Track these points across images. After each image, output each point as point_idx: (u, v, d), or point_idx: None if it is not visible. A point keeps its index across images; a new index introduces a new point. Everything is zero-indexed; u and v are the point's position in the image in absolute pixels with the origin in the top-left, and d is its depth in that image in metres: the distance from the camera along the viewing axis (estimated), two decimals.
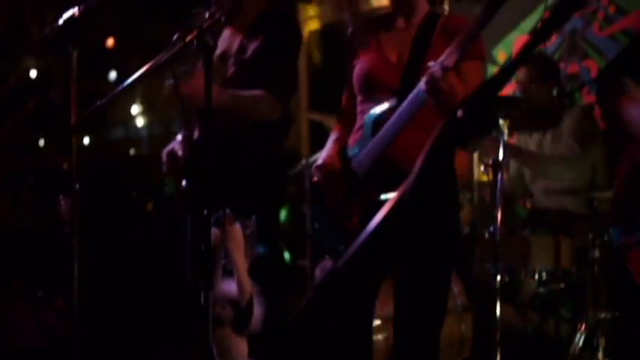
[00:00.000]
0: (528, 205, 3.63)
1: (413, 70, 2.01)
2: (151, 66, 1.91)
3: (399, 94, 2.00)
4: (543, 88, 3.35)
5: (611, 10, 3.57)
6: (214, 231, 2.06)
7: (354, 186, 2.12)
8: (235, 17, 2.68)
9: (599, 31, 3.60)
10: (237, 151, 2.52)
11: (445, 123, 0.88)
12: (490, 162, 3.00)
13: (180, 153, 2.59)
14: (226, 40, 2.69)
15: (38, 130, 6.03)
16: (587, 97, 3.70)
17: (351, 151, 2.16)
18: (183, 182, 2.54)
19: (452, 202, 2.15)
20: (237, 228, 2.16)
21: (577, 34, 3.80)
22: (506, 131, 3.00)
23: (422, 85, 1.85)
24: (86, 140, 7.07)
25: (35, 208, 4.67)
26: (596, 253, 2.99)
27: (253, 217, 2.22)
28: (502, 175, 2.97)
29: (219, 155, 2.42)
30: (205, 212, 2.05)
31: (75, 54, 2.57)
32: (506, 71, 0.88)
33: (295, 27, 2.72)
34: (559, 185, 3.42)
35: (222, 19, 2.00)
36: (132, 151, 8.12)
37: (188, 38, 1.93)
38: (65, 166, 4.74)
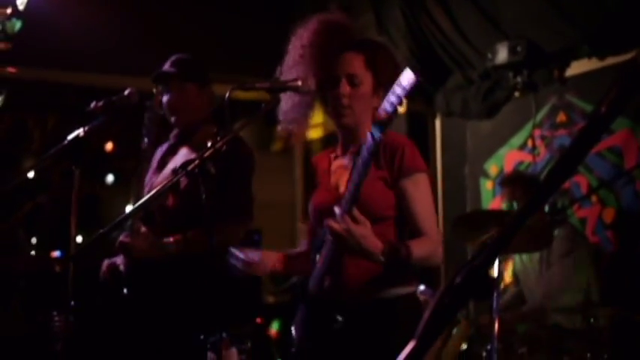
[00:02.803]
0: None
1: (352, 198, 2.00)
2: (150, 196, 1.96)
3: None
4: None
5: None
6: (210, 355, 2.04)
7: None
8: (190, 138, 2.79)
9: None
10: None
11: (444, 290, 0.90)
12: None
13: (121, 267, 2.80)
14: (182, 157, 2.73)
15: (30, 233, 6.03)
16: (579, 213, 3.75)
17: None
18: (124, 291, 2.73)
19: None
20: (233, 352, 2.14)
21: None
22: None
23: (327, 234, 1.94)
24: (79, 239, 7.04)
25: (26, 315, 4.58)
26: None
27: (249, 342, 2.20)
28: (499, 292, 2.97)
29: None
30: (202, 337, 2.05)
31: (77, 172, 2.63)
32: (496, 245, 0.91)
33: (242, 163, 2.74)
34: (555, 305, 3.41)
35: (224, 147, 2.06)
36: None
37: (190, 167, 1.98)
38: (57, 269, 4.70)
